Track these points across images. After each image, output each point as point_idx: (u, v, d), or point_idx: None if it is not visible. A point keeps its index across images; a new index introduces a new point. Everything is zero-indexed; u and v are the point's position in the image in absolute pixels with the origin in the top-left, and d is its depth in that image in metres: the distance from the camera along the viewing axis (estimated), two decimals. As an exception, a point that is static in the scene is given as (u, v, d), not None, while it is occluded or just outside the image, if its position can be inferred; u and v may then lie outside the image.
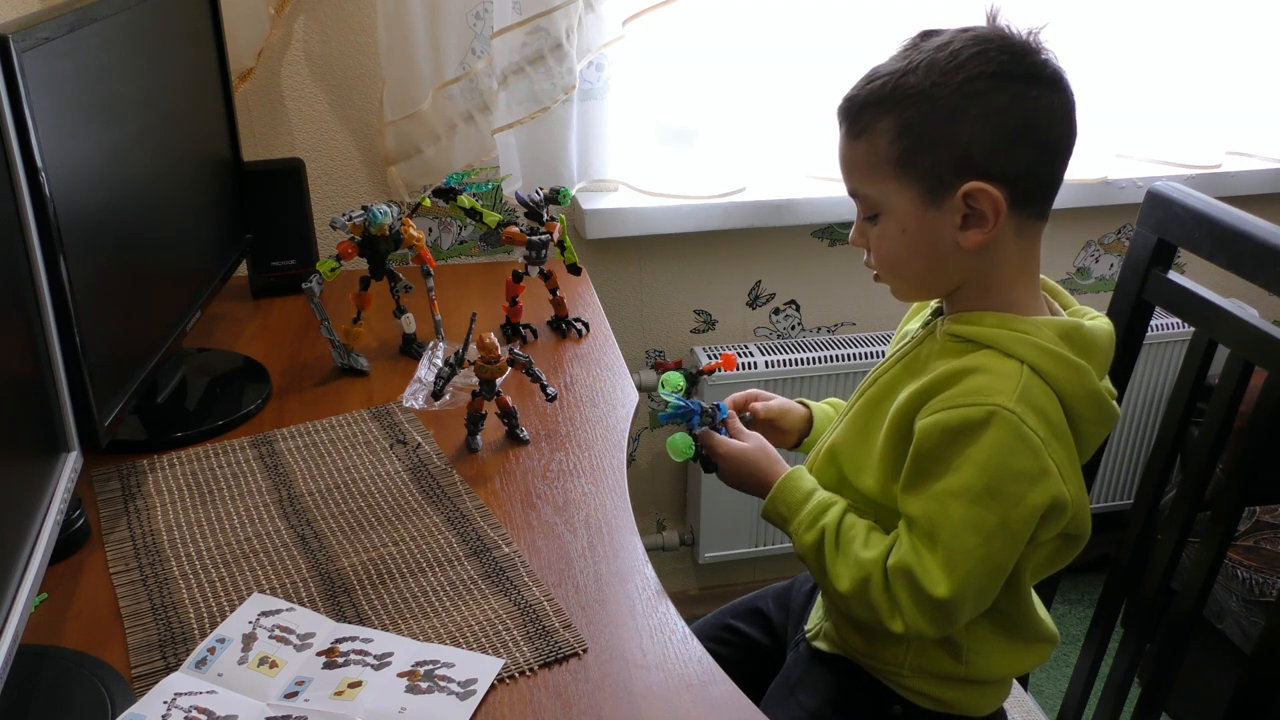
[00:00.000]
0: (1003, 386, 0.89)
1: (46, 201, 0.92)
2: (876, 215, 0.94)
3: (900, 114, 0.90)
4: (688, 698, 0.85)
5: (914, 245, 0.94)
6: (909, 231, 0.93)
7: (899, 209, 0.93)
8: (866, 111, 0.92)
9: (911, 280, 0.98)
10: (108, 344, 1.05)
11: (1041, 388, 0.90)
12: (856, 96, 0.93)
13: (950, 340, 0.96)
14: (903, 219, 0.93)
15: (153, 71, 1.20)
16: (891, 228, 0.94)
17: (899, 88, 0.90)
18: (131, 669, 0.87)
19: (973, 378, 0.91)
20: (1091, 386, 0.91)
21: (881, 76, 0.91)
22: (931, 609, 0.91)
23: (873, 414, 1.00)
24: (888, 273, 0.97)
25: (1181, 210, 1.10)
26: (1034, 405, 0.89)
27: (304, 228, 1.57)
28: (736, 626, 1.23)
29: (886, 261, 0.96)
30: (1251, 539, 1.75)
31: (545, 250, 1.38)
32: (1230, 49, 1.95)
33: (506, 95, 1.60)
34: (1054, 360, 0.90)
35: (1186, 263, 1.87)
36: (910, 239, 0.93)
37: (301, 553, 1.02)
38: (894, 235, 0.94)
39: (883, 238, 0.95)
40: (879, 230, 0.95)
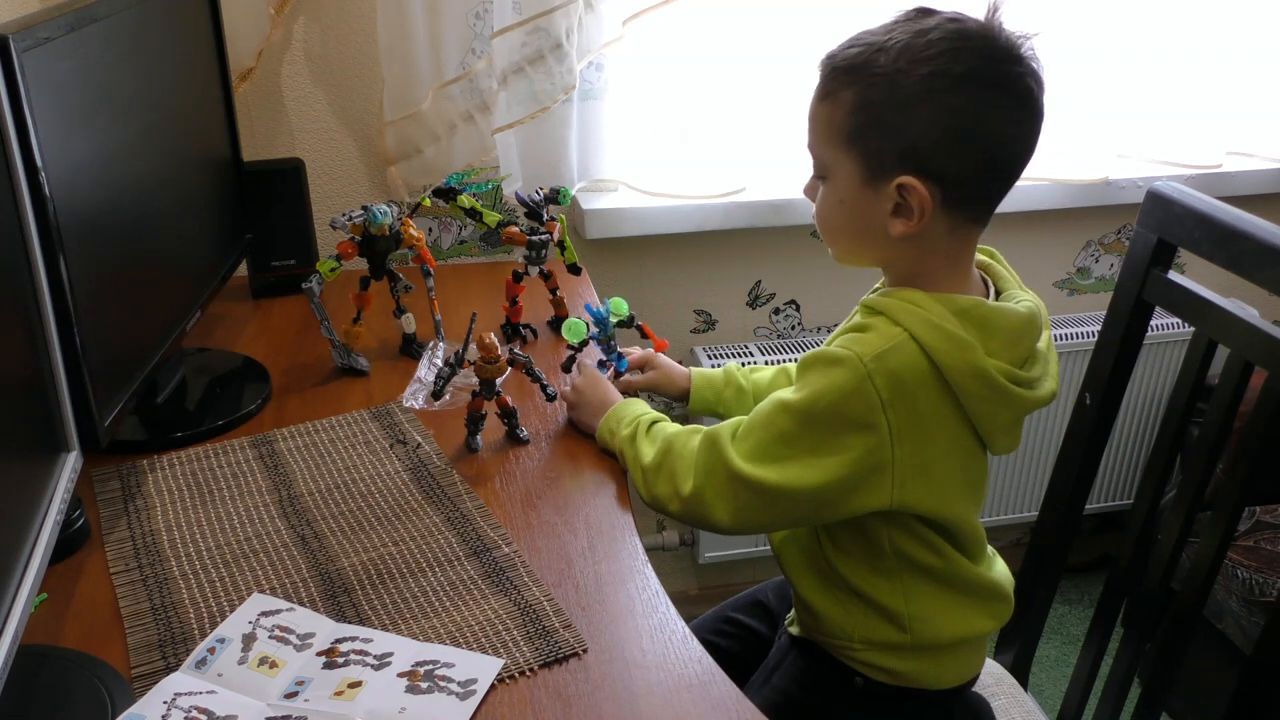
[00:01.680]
0: (872, 343, 0.93)
1: (46, 201, 0.92)
2: (823, 177, 0.98)
3: (862, 90, 0.91)
4: (688, 698, 0.85)
5: (848, 217, 0.97)
6: (845, 203, 0.96)
7: (841, 179, 0.96)
8: (836, 77, 0.94)
9: (842, 247, 1.02)
10: (108, 344, 1.05)
11: (913, 356, 0.92)
12: (833, 58, 0.95)
13: (861, 309, 1.00)
14: (842, 189, 0.96)
15: (153, 71, 1.20)
16: (831, 194, 0.97)
17: (869, 63, 0.91)
18: (131, 669, 0.87)
19: (855, 333, 0.96)
20: (975, 361, 0.92)
21: (859, 46, 0.93)
22: (724, 476, 0.97)
23: None
24: (823, 233, 1.01)
25: (1181, 210, 1.10)
26: (890, 366, 0.91)
27: (304, 228, 1.57)
28: (736, 618, 1.24)
29: (823, 223, 1.00)
30: (1251, 539, 1.75)
31: (545, 250, 1.38)
32: (1230, 49, 1.95)
33: (506, 95, 1.60)
34: (935, 333, 0.92)
35: (1186, 263, 1.87)
36: (846, 210, 0.97)
37: (301, 553, 1.02)
38: (832, 202, 0.97)
39: (824, 200, 0.98)
40: (823, 192, 0.98)
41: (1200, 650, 1.72)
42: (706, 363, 1.86)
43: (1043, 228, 2.00)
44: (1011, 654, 1.29)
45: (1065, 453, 1.24)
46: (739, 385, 1.25)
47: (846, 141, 0.93)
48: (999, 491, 2.08)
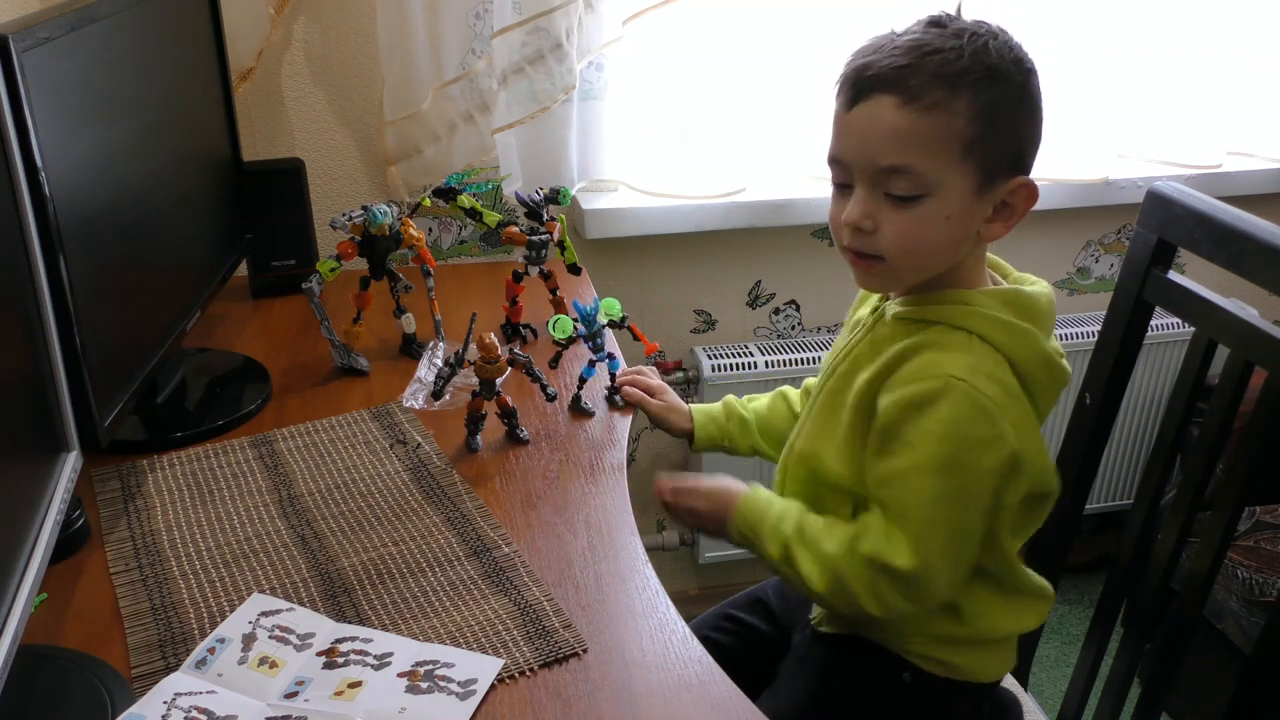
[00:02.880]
0: (953, 358, 0.90)
1: (46, 201, 0.92)
2: (917, 196, 0.89)
3: (978, 94, 0.87)
4: (688, 698, 0.85)
5: (950, 233, 0.91)
6: (952, 219, 0.90)
7: (953, 194, 0.89)
8: (938, 84, 0.86)
9: (919, 268, 0.94)
10: (108, 344, 1.05)
11: (991, 354, 0.91)
12: (919, 66, 0.87)
13: (899, 322, 0.97)
14: (951, 205, 0.89)
15: (153, 71, 1.20)
16: (936, 212, 0.89)
17: (980, 65, 0.87)
18: (131, 669, 0.87)
19: (925, 353, 0.92)
20: (1039, 348, 0.93)
21: (946, 50, 0.87)
22: (904, 585, 0.92)
23: (835, 407, 1.01)
24: (902, 258, 0.92)
25: (1181, 210, 1.10)
26: (985, 371, 0.90)
27: (304, 228, 1.57)
28: (737, 616, 1.24)
29: (912, 245, 0.91)
30: (1251, 539, 1.75)
31: (545, 250, 1.38)
32: (1230, 49, 1.95)
33: (506, 95, 1.60)
34: (999, 327, 0.92)
35: (1186, 263, 1.86)
36: (951, 226, 0.90)
37: (301, 553, 1.02)
38: (936, 220, 0.90)
39: (923, 222, 0.90)
40: (919, 213, 0.89)
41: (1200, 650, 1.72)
42: (707, 363, 1.86)
43: (1043, 228, 2.00)
44: (1011, 654, 1.28)
45: (1065, 453, 1.24)
46: (741, 417, 1.22)
47: (963, 152, 0.88)
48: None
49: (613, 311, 1.24)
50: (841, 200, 0.95)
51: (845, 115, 0.92)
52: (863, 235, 0.92)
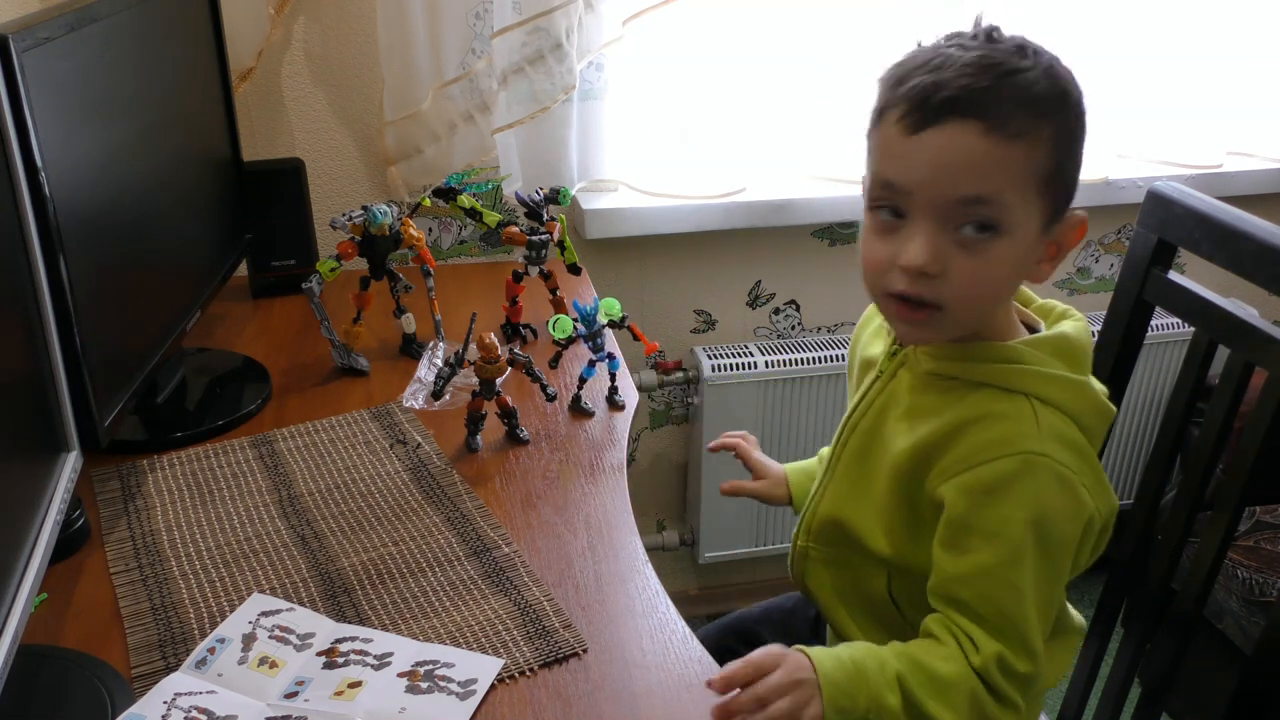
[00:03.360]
0: (1022, 429, 0.82)
1: (46, 201, 0.92)
2: (991, 235, 0.80)
3: (1057, 122, 0.79)
4: (688, 698, 0.85)
5: (1014, 277, 0.84)
6: (1019, 260, 0.82)
7: (1024, 233, 0.81)
8: (1023, 110, 0.78)
9: (976, 319, 0.86)
10: (108, 344, 1.05)
11: (1055, 416, 0.84)
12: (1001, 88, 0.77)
13: (933, 379, 0.89)
14: (1020, 245, 0.81)
15: (153, 71, 1.20)
16: (1008, 253, 0.81)
17: (1058, 91, 0.79)
18: (131, 669, 0.87)
19: (985, 427, 0.83)
20: (1095, 400, 0.87)
21: (1024, 71, 0.78)
22: (1027, 683, 0.84)
23: (863, 469, 0.95)
24: (965, 307, 0.83)
25: (1181, 210, 1.10)
26: (1056, 437, 0.83)
27: (304, 228, 1.57)
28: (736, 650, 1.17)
29: (980, 292, 0.82)
30: (1251, 539, 1.75)
31: (545, 250, 1.38)
32: (1230, 49, 1.95)
33: (506, 95, 1.60)
34: (1058, 386, 0.85)
35: (1186, 263, 1.86)
36: (1017, 269, 0.83)
37: (301, 553, 1.02)
38: (1007, 263, 0.81)
39: (994, 264, 0.81)
40: (991, 254, 0.80)
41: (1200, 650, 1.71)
42: (707, 363, 1.86)
43: (1043, 228, 2.00)
44: (1011, 654, 1.28)
45: (1065, 453, 1.23)
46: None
47: (1041, 185, 0.80)
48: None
49: (613, 311, 1.24)
50: (885, 239, 0.83)
51: (911, 139, 0.80)
52: (924, 280, 0.81)
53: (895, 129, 0.81)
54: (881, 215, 0.84)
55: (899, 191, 0.81)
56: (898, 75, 0.82)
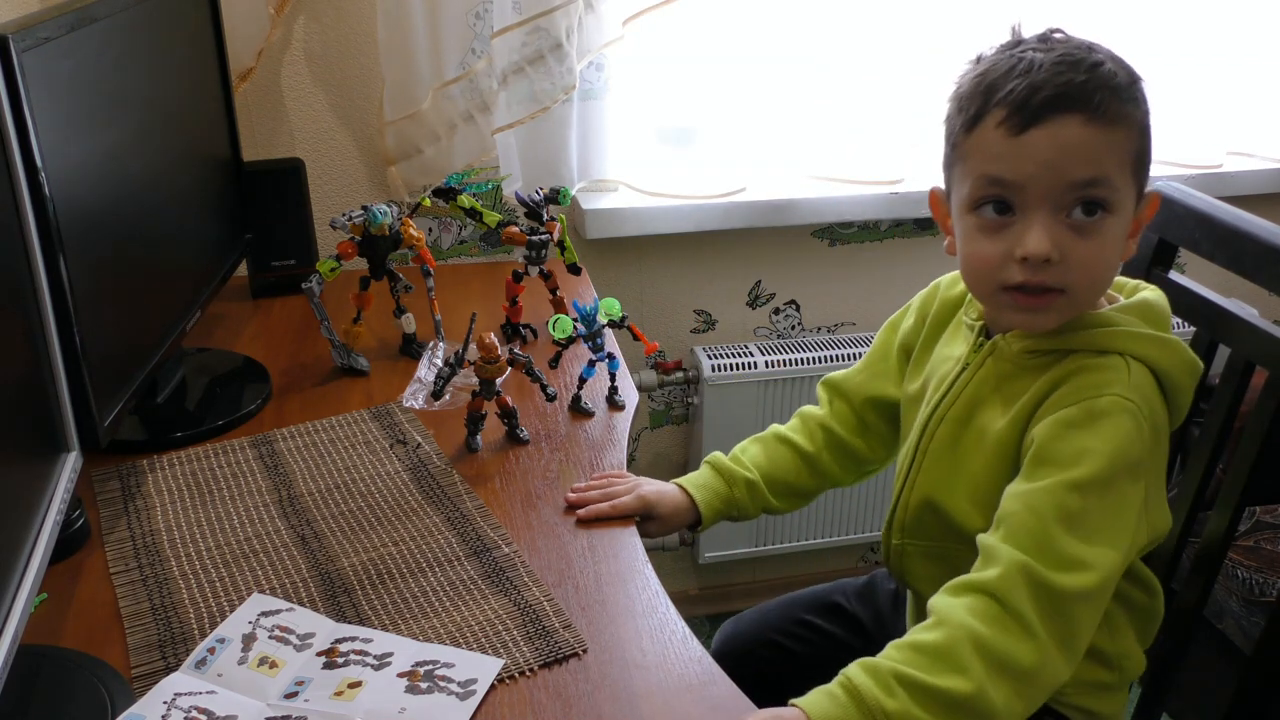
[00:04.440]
0: (1115, 377, 0.87)
1: (46, 201, 0.92)
2: (1104, 215, 0.86)
3: (1139, 110, 0.87)
4: (688, 698, 0.85)
5: (1121, 253, 0.89)
6: (1123, 237, 0.89)
7: (1127, 209, 0.88)
8: (1116, 98, 0.85)
9: (1095, 295, 0.91)
10: (108, 344, 1.05)
11: (1146, 374, 0.88)
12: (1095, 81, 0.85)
13: (1028, 357, 0.93)
14: (1125, 222, 0.88)
15: (153, 71, 1.20)
16: (1118, 231, 0.88)
17: (1134, 81, 0.87)
18: (131, 669, 0.87)
19: (1079, 377, 0.88)
20: (1185, 355, 0.90)
21: (1103, 65, 0.86)
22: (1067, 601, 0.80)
23: (954, 453, 0.97)
24: (1087, 286, 0.89)
25: (1182, 210, 1.10)
26: (1147, 398, 0.87)
27: (304, 228, 1.57)
28: (813, 622, 1.17)
29: (1099, 270, 0.89)
30: (1251, 539, 1.75)
31: (545, 250, 1.38)
32: (1230, 49, 1.95)
33: (506, 95, 1.60)
34: (1147, 343, 0.89)
35: (1187, 263, 1.86)
36: (1122, 245, 0.89)
37: (301, 553, 1.02)
38: (1119, 240, 0.88)
39: (1108, 242, 0.87)
40: (1104, 233, 0.87)
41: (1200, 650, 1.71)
42: (707, 363, 1.86)
43: (1043, 228, 2.00)
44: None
45: (1065, 453, 1.23)
46: (746, 480, 1.11)
47: (1135, 166, 0.87)
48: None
49: (613, 311, 1.24)
50: (994, 236, 0.88)
51: (1019, 139, 0.85)
52: (1046, 267, 0.86)
53: (998, 132, 0.86)
54: (987, 213, 0.89)
55: (1009, 187, 0.86)
56: (986, 84, 0.88)
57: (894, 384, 1.12)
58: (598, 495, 1.07)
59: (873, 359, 1.14)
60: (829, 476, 1.15)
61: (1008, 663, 0.79)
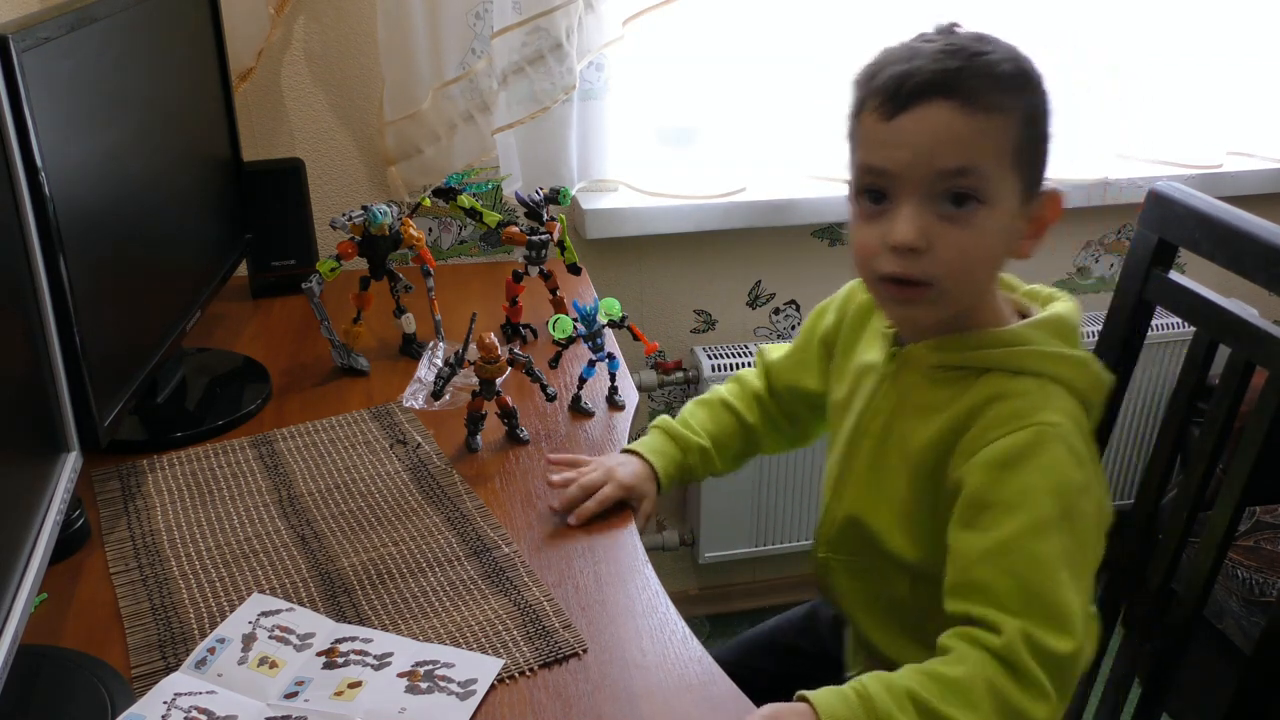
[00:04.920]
0: (1034, 403, 0.85)
1: (46, 201, 0.92)
2: (974, 206, 0.84)
3: (1025, 99, 0.85)
4: (688, 698, 0.85)
5: (1000, 249, 0.87)
6: (1003, 233, 0.86)
7: (1004, 204, 0.85)
8: (993, 86, 0.83)
9: (968, 293, 0.88)
10: (108, 344, 1.05)
11: (1063, 395, 0.86)
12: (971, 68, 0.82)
13: (940, 372, 0.91)
14: (1002, 216, 0.85)
15: (153, 71, 1.20)
16: (992, 223, 0.85)
17: (1022, 72, 0.85)
18: (131, 669, 0.87)
19: (998, 405, 0.86)
20: (1097, 374, 0.89)
21: (989, 54, 0.83)
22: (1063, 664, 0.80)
23: (878, 471, 0.96)
24: (956, 279, 0.86)
25: (1182, 210, 1.10)
26: (1067, 414, 0.85)
27: (304, 228, 1.57)
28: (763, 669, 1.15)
29: (969, 263, 0.85)
30: (1251, 539, 1.75)
31: (545, 250, 1.38)
32: (1231, 49, 1.95)
33: (506, 95, 1.60)
34: (1063, 364, 0.88)
35: (1187, 263, 1.86)
36: (1000, 241, 0.87)
37: (301, 553, 1.02)
38: (992, 233, 0.85)
39: (980, 234, 0.84)
40: (975, 225, 0.84)
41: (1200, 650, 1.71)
42: (707, 363, 1.86)
43: (1043, 228, 2.00)
44: (1011, 654, 1.28)
45: (1065, 453, 1.23)
46: (700, 447, 1.12)
47: (1014, 158, 0.84)
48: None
49: (613, 311, 1.24)
50: (873, 224, 0.87)
51: (889, 124, 0.84)
52: (913, 257, 0.85)
53: (874, 118, 0.86)
54: (866, 201, 0.88)
55: (882, 175, 0.86)
56: (871, 72, 0.88)
57: (812, 376, 1.11)
58: (578, 492, 1.06)
59: (797, 345, 1.13)
60: (763, 446, 1.18)
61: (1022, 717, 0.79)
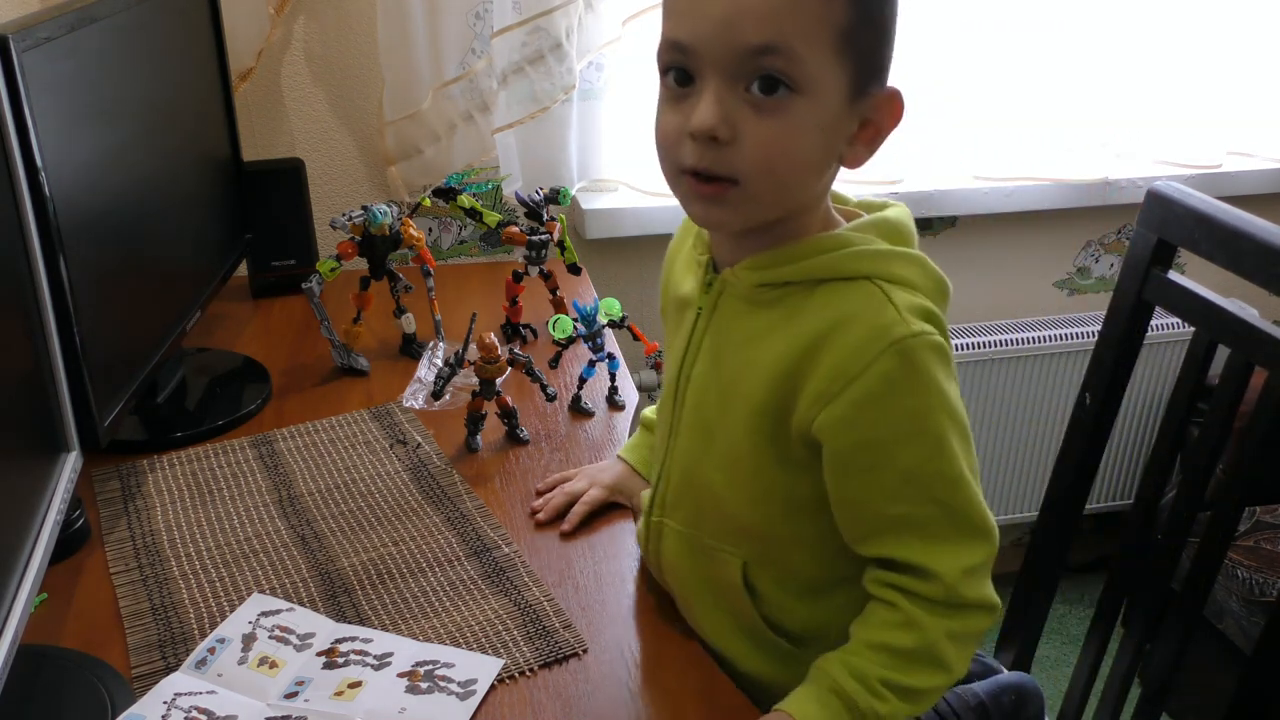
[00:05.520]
0: (884, 319, 0.75)
1: (46, 201, 0.92)
2: (787, 93, 0.72)
3: None
4: (688, 698, 0.85)
5: (820, 148, 0.75)
6: (823, 129, 0.74)
7: (826, 95, 0.73)
8: None
9: (780, 196, 0.77)
10: (108, 344, 1.05)
11: (904, 292, 0.77)
12: None
13: (763, 291, 0.80)
14: (823, 110, 0.73)
15: (153, 71, 1.20)
16: (808, 116, 0.73)
17: None
18: (131, 669, 0.87)
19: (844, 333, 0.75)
20: (935, 273, 0.80)
21: None
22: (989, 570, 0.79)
23: (708, 419, 0.85)
24: (763, 177, 0.74)
25: (1181, 210, 1.10)
26: (917, 311, 0.76)
27: (304, 228, 1.57)
28: None
29: (779, 160, 0.74)
30: (1251, 539, 1.75)
31: (545, 250, 1.38)
32: (1231, 49, 1.95)
33: (506, 95, 1.60)
34: (898, 261, 0.78)
35: (1186, 263, 1.86)
36: (821, 139, 0.75)
37: (301, 553, 1.02)
38: (808, 128, 0.74)
39: (793, 128, 0.73)
40: (789, 117, 0.73)
41: (1200, 650, 1.72)
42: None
43: (1043, 228, 2.00)
44: (1011, 654, 1.29)
45: (1065, 453, 1.23)
46: None
47: (840, 42, 0.72)
48: (999, 491, 2.08)
49: (613, 311, 1.24)
50: (677, 109, 0.76)
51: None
52: (715, 149, 0.73)
53: None
54: (670, 81, 0.76)
55: (686, 51, 0.74)
56: None
57: None
58: (562, 499, 1.05)
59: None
60: None
61: (974, 636, 0.80)
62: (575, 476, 1.09)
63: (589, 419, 1.25)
